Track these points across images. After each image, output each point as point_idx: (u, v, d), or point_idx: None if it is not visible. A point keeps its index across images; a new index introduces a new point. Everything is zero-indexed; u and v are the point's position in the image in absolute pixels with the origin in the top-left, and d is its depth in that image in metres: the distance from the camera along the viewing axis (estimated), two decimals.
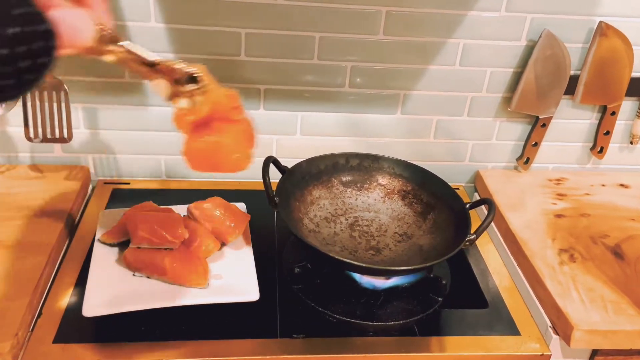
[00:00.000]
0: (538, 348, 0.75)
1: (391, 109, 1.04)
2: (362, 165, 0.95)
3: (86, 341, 0.69)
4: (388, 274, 0.80)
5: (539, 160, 1.12)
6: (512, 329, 0.78)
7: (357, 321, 0.75)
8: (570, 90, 1.04)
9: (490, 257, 0.93)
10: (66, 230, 0.88)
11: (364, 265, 0.74)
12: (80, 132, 1.00)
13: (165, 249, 0.75)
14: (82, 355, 0.67)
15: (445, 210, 0.87)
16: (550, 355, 0.75)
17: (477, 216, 1.03)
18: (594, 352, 0.79)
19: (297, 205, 0.88)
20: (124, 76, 0.96)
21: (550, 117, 1.05)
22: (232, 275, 0.78)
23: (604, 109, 1.07)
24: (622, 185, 1.09)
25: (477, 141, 1.09)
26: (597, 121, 1.09)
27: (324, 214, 0.90)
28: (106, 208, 0.94)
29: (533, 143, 1.08)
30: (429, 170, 0.92)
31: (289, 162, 0.89)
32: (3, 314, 0.68)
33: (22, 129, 0.90)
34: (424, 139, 1.08)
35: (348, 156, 0.95)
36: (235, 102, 0.58)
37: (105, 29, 0.46)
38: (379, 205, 0.94)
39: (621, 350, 0.77)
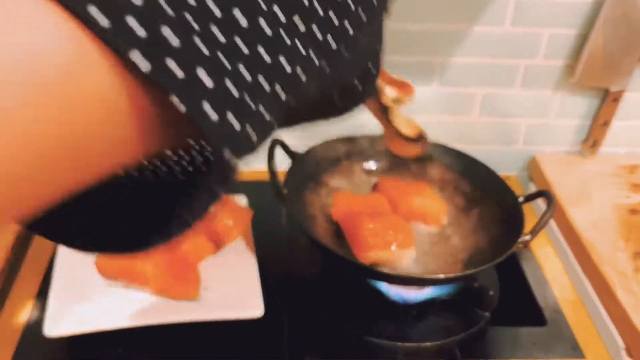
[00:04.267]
0: None
1: (426, 80, 1.03)
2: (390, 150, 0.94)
3: None
4: (422, 283, 0.79)
5: (608, 144, 1.11)
6: (575, 351, 0.78)
7: (384, 341, 0.75)
8: None
9: (549, 262, 0.93)
10: (25, 230, 0.86)
11: (392, 272, 0.75)
12: None
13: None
14: None
15: (492, 204, 0.87)
16: None
17: (532, 212, 1.02)
18: None
19: (310, 199, 0.87)
20: None
21: (623, 91, 1.04)
22: (230, 286, 0.78)
23: None
24: None
25: (533, 120, 1.09)
26: None
27: None
28: None
29: (602, 122, 1.07)
30: (473, 155, 0.93)
31: (299, 146, 0.88)
32: None
33: None
34: (467, 117, 1.08)
35: (372, 138, 0.95)
36: None
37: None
38: None
39: None
